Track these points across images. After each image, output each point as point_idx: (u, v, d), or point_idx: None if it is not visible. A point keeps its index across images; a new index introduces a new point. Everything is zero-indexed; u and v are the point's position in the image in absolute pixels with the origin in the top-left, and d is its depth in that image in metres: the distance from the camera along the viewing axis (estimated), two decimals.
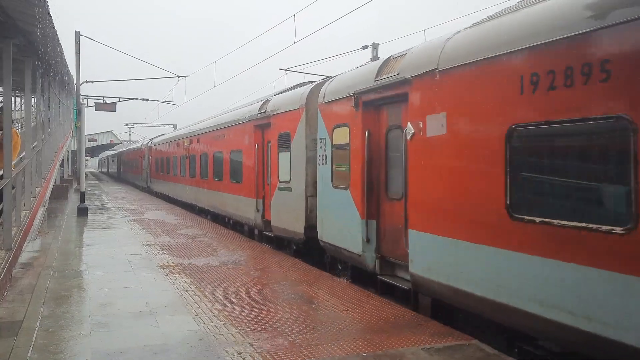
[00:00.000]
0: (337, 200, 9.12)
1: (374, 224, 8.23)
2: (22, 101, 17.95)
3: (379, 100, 7.98)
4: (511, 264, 5.26)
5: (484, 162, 5.65)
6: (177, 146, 24.66)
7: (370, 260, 8.22)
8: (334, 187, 9.27)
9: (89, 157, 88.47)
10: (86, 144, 30.70)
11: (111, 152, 74.00)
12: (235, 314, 6.72)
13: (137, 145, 45.39)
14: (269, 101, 13.19)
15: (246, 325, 6.28)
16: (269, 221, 12.73)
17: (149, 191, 34.56)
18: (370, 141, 8.21)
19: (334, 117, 9.35)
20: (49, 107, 19.10)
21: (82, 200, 19.18)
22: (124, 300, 7.39)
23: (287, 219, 11.51)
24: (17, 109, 19.85)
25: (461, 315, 6.47)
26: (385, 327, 6.25)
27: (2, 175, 8.73)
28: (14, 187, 9.03)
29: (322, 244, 9.87)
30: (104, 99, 29.38)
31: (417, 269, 6.84)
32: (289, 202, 11.42)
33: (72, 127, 27.78)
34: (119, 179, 57.31)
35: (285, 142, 11.67)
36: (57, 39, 12.22)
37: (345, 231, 8.83)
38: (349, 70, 9.70)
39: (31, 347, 5.46)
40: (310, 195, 10.61)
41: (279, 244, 12.43)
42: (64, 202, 23.79)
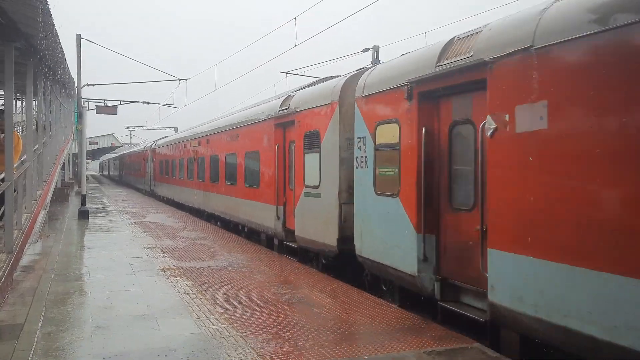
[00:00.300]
0: (383, 209, 7.76)
1: (432, 239, 6.86)
2: (24, 104, 17.84)
3: (442, 90, 6.62)
4: None
5: (616, 164, 4.28)
6: (184, 148, 23.24)
7: (428, 282, 6.84)
8: (378, 194, 7.91)
9: (90, 160, 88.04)
10: (87, 147, 31.11)
11: (112, 155, 72.81)
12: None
13: (139, 147, 44.22)
14: (291, 97, 11.80)
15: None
16: (291, 230, 11.34)
17: (152, 195, 33.32)
18: (427, 140, 6.86)
19: (378, 113, 7.99)
20: (50, 110, 19.02)
21: (83, 203, 19.21)
22: (125, 303, 7.35)
23: (315, 229, 10.13)
24: (19, 112, 19.71)
25: None
26: (387, 329, 6.22)
27: (3, 178, 8.73)
28: (15, 190, 9.11)
29: (360, 259, 8.51)
30: (105, 102, 28.96)
31: (501, 298, 5.46)
32: (317, 209, 10.04)
33: (73, 130, 27.86)
34: (120, 182, 56.32)
35: (313, 142, 10.30)
36: (59, 42, 11.91)
37: (393, 246, 7.46)
38: (395, 57, 8.32)
39: (32, 350, 5.44)
40: (344, 202, 9.25)
41: (303, 256, 11.06)
42: (65, 205, 23.78)
